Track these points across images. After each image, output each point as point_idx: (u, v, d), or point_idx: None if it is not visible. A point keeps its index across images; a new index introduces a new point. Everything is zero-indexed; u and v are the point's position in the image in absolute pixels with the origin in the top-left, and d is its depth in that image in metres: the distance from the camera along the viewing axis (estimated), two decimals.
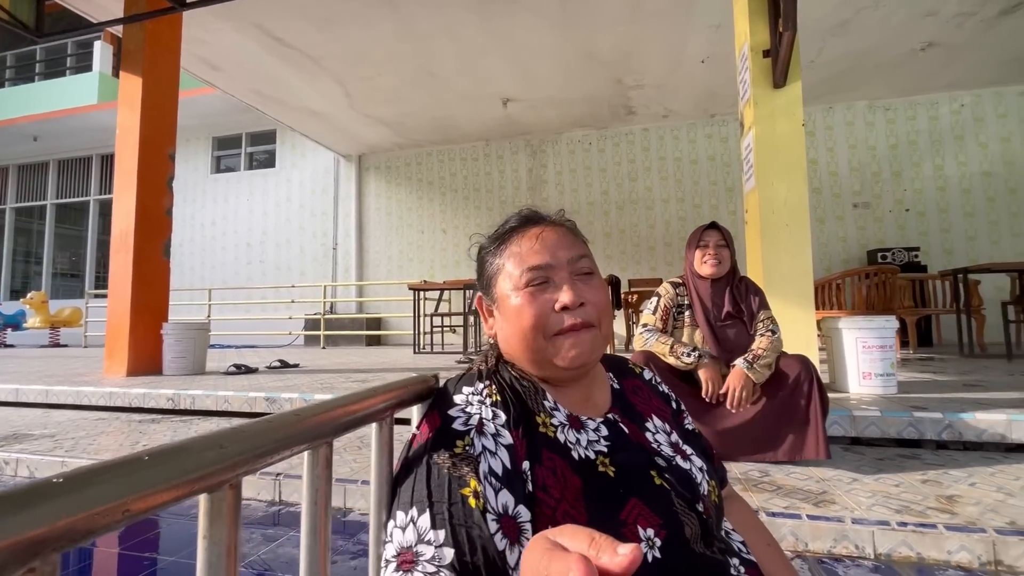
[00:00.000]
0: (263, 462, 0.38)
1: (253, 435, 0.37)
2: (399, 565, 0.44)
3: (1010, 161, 6.07)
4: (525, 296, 0.58)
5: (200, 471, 0.32)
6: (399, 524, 0.47)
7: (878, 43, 5.15)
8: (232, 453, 0.35)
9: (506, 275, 0.61)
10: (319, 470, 0.46)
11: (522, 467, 0.50)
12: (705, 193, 6.96)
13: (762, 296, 1.96)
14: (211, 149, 9.14)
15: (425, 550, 0.44)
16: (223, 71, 5.61)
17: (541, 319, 0.58)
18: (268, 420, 0.40)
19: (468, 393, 0.56)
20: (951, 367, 3.62)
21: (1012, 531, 1.25)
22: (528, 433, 0.54)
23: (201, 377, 3.69)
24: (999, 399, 2.24)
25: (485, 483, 0.48)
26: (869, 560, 1.28)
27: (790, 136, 2.57)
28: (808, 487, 1.57)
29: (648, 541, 0.49)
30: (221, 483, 0.35)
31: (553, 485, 0.50)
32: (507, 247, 0.64)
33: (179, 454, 0.32)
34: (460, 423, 0.52)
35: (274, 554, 1.41)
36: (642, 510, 0.51)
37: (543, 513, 0.48)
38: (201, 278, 8.86)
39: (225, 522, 0.35)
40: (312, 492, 0.46)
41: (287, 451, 0.41)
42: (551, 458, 0.52)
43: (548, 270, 0.60)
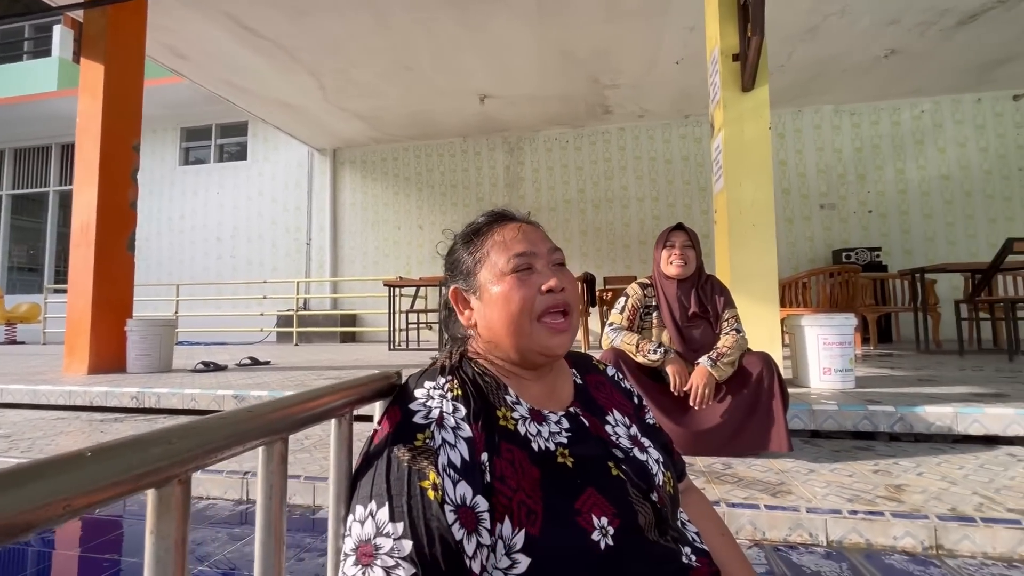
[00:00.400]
0: (213, 457, 0.39)
1: (204, 430, 0.38)
2: (358, 558, 0.45)
3: (965, 166, 6.35)
4: (513, 281, 0.62)
5: (146, 466, 0.33)
6: (358, 518, 0.48)
7: (844, 49, 5.32)
8: (181, 448, 0.35)
9: (490, 263, 0.64)
10: (273, 465, 0.47)
11: (480, 459, 0.52)
12: (679, 192, 7.09)
13: (728, 296, 2.01)
14: (179, 140, 8.87)
15: (384, 543, 0.45)
16: (191, 60, 5.45)
17: (529, 301, 0.61)
18: (220, 416, 0.40)
19: (429, 388, 0.57)
20: (907, 362, 3.78)
21: (952, 517, 1.32)
22: (488, 426, 0.55)
23: (167, 375, 3.60)
24: (948, 393, 2.36)
25: (444, 475, 0.49)
26: (822, 547, 1.34)
27: (757, 139, 2.64)
28: (767, 478, 1.63)
29: (602, 529, 0.51)
30: (169, 478, 0.35)
31: (510, 476, 0.52)
32: (487, 239, 0.66)
33: (124, 450, 0.32)
34: (420, 416, 0.53)
35: (240, 553, 1.39)
36: (597, 500, 0.53)
37: (500, 502, 0.50)
38: (168, 273, 8.60)
39: (173, 517, 0.36)
40: (267, 487, 0.47)
41: (239, 447, 0.41)
42: (510, 450, 0.54)
43: (531, 257, 0.64)
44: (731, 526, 1.39)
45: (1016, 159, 6.24)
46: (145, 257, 8.50)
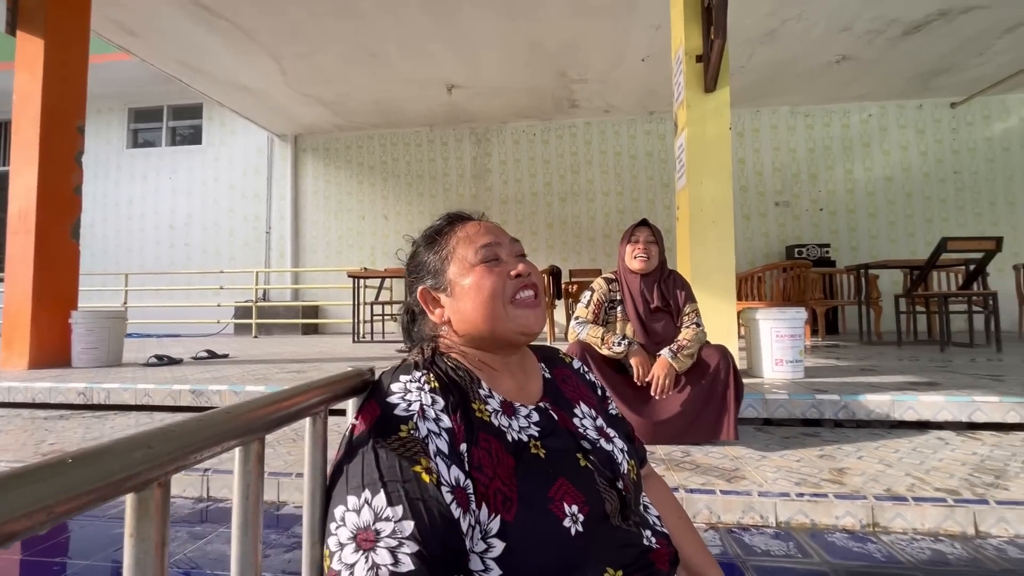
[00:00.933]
0: (192, 459, 0.39)
1: (183, 434, 0.38)
2: (359, 545, 0.46)
3: (907, 168, 6.75)
4: (482, 270, 0.65)
5: (128, 471, 0.33)
6: (352, 508, 0.48)
7: (800, 53, 5.54)
8: (161, 452, 0.36)
9: (458, 258, 0.67)
10: (251, 466, 0.47)
11: (460, 449, 0.54)
12: (643, 188, 7.24)
13: (689, 290, 2.09)
14: (127, 121, 8.39)
15: (384, 527, 0.46)
16: (141, 37, 5.16)
17: (500, 287, 0.64)
18: (198, 418, 0.41)
19: (406, 381, 0.58)
20: (852, 353, 4.02)
21: (887, 497, 1.43)
22: (465, 417, 0.57)
23: (117, 369, 3.44)
24: (887, 382, 2.53)
25: (436, 460, 0.51)
26: (771, 528, 1.43)
27: (718, 139, 2.74)
28: (723, 465, 1.72)
29: (572, 516, 0.54)
30: (148, 482, 0.35)
31: (487, 464, 0.54)
32: (451, 237, 0.69)
33: (105, 455, 0.32)
34: (401, 409, 0.55)
35: (202, 551, 1.37)
36: (568, 489, 0.56)
37: (477, 490, 0.52)
38: (116, 262, 8.16)
39: (153, 520, 0.36)
40: (243, 487, 0.47)
41: (217, 447, 0.41)
42: (487, 439, 0.56)
43: (497, 247, 0.67)
44: (689, 510, 1.46)
45: (952, 163, 6.68)
46: (89, 245, 8.01)
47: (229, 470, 1.75)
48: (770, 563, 1.26)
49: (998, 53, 5.50)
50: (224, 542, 1.41)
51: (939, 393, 2.19)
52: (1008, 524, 1.36)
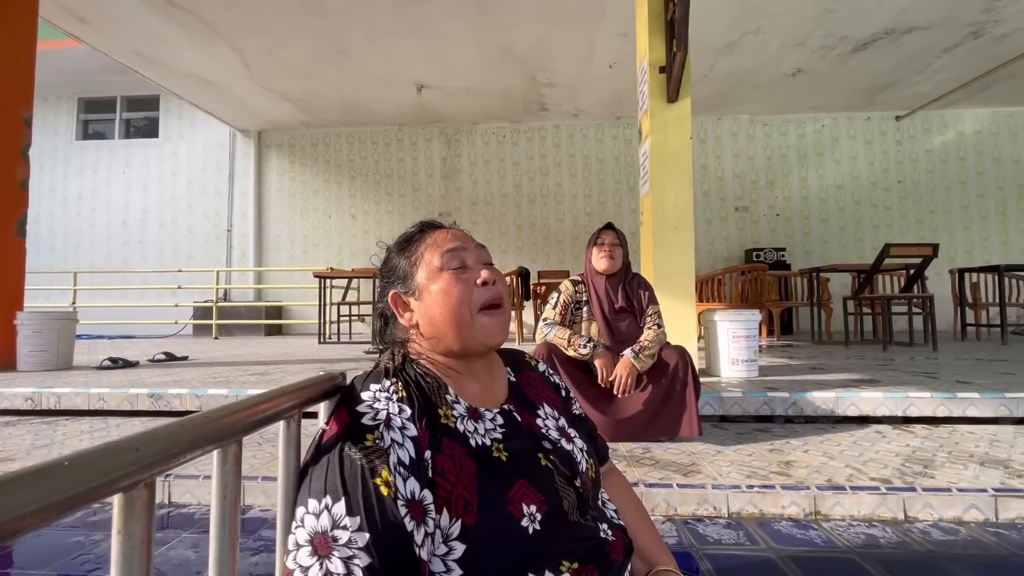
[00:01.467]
0: (176, 461, 0.41)
1: (167, 437, 0.41)
2: (314, 549, 0.49)
3: (856, 177, 7.14)
4: (449, 276, 0.68)
5: (118, 472, 0.36)
6: (312, 511, 0.51)
7: (758, 65, 5.79)
8: (148, 455, 0.38)
9: (426, 263, 0.70)
10: (229, 467, 0.50)
11: (424, 455, 0.57)
12: (610, 191, 7.39)
13: (651, 292, 2.18)
14: (76, 111, 8.00)
15: (341, 535, 0.49)
16: (93, 25, 4.93)
17: (467, 294, 0.67)
18: (180, 422, 0.43)
19: (375, 390, 0.61)
20: (803, 352, 4.24)
21: (828, 487, 1.55)
22: (431, 424, 0.60)
23: (68, 372, 3.30)
24: (833, 380, 2.70)
25: (395, 473, 0.53)
26: (724, 518, 1.52)
27: (680, 148, 2.85)
28: (681, 460, 1.81)
29: (530, 516, 0.58)
30: (136, 483, 0.38)
31: (450, 471, 0.57)
32: (421, 243, 0.72)
33: (98, 458, 0.34)
34: (369, 418, 0.57)
35: (164, 557, 1.35)
36: (527, 490, 0.60)
37: (439, 496, 0.55)
38: (64, 260, 7.76)
39: (140, 518, 0.38)
40: (222, 488, 0.49)
41: (199, 450, 0.44)
42: (450, 446, 0.59)
43: (464, 252, 0.70)
44: (648, 503, 1.53)
45: (896, 173, 7.10)
46: (35, 242, 7.59)
47: (191, 475, 1.72)
48: (721, 551, 1.34)
49: (937, 71, 5.89)
50: (187, 547, 1.39)
51: (878, 390, 2.36)
52: (933, 509, 1.49)
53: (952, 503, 1.49)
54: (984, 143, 7.05)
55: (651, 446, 1.98)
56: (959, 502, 1.49)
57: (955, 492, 1.51)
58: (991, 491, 1.51)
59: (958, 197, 7.03)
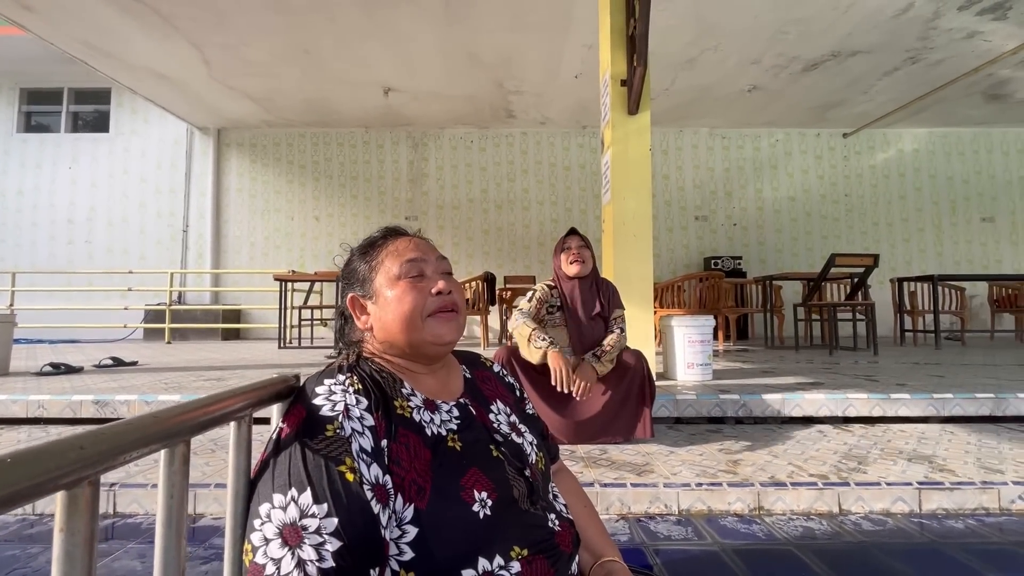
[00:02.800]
0: (121, 460, 0.42)
1: (112, 435, 0.41)
2: (284, 540, 0.50)
3: (807, 190, 7.51)
4: (406, 284, 0.70)
5: (61, 470, 0.36)
6: (278, 505, 0.52)
7: (717, 80, 6.03)
8: (92, 453, 0.39)
9: (385, 270, 0.72)
10: (176, 467, 0.50)
11: (381, 444, 0.59)
12: (576, 198, 7.52)
13: (617, 297, 2.24)
14: (17, 102, 7.56)
15: (310, 523, 0.50)
16: (38, 13, 4.69)
17: (420, 302, 0.70)
18: (127, 421, 0.44)
19: (330, 384, 0.63)
20: (756, 357, 4.42)
21: (770, 483, 1.63)
22: (387, 415, 0.62)
23: (4, 379, 3.11)
24: (781, 383, 2.84)
25: (358, 460, 0.55)
26: (674, 515, 1.58)
27: (639, 159, 2.95)
28: (635, 460, 1.87)
29: (481, 502, 0.61)
30: (80, 480, 0.39)
31: (405, 459, 0.60)
32: (382, 249, 0.74)
33: (41, 455, 0.35)
34: (327, 410, 0.59)
35: (108, 569, 1.30)
36: (479, 477, 0.63)
37: (394, 482, 0.58)
38: (2, 259, 7.29)
39: (83, 516, 0.39)
40: (168, 488, 0.50)
41: (145, 449, 0.45)
42: (406, 435, 0.62)
43: (422, 263, 0.73)
44: (602, 503, 1.58)
45: (843, 187, 7.51)
46: None
47: (139, 483, 1.67)
48: (670, 547, 1.40)
49: (879, 92, 6.28)
50: (133, 558, 1.35)
51: (821, 392, 2.50)
52: (864, 502, 1.60)
53: (881, 496, 1.60)
54: (921, 161, 7.54)
55: (608, 448, 2.04)
56: (887, 495, 1.60)
57: (884, 486, 1.62)
58: (915, 484, 1.63)
59: (898, 211, 7.49)
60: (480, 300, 5.25)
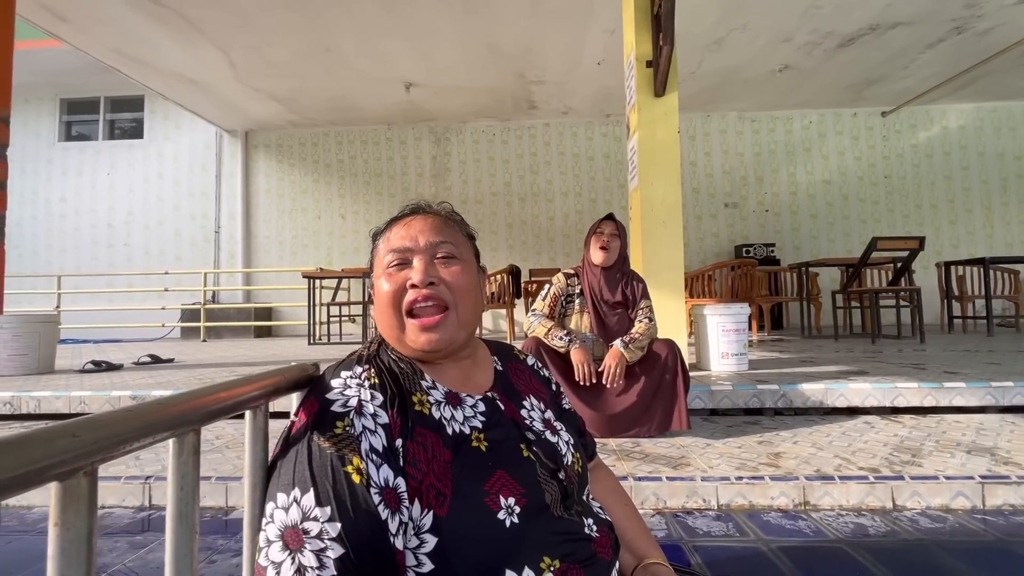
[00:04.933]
0: (121, 449, 0.39)
1: (110, 423, 0.38)
2: (285, 544, 0.46)
3: (843, 172, 7.19)
4: (385, 275, 0.64)
5: (51, 459, 0.33)
6: (281, 505, 0.49)
7: (746, 61, 5.81)
8: (86, 441, 0.36)
9: (379, 259, 0.67)
10: (186, 457, 0.47)
11: (396, 443, 0.54)
12: (600, 188, 7.39)
13: (644, 286, 2.16)
14: (58, 112, 7.86)
15: (312, 526, 0.47)
16: (73, 23, 4.85)
17: (396, 295, 0.63)
18: (127, 408, 0.41)
19: (346, 377, 0.58)
20: (793, 346, 4.25)
21: (817, 477, 1.54)
22: (403, 412, 0.57)
23: (49, 376, 3.23)
24: (822, 372, 2.71)
25: (367, 460, 0.51)
26: (713, 510, 1.51)
27: (667, 142, 2.84)
28: (670, 453, 1.80)
29: (508, 508, 0.55)
30: (74, 470, 0.35)
31: (422, 460, 0.54)
32: (385, 235, 0.69)
33: (29, 442, 0.32)
34: (339, 405, 0.55)
35: (143, 560, 1.32)
36: (507, 481, 0.57)
37: (410, 486, 0.52)
38: (47, 263, 7.63)
39: (80, 508, 0.36)
40: (178, 479, 0.47)
41: (148, 438, 0.41)
42: (423, 434, 0.56)
43: (407, 252, 0.65)
44: (637, 497, 1.52)
45: (882, 168, 7.16)
46: (16, 245, 7.49)
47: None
48: (711, 543, 1.33)
49: (921, 67, 5.94)
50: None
51: (867, 381, 2.36)
52: (921, 497, 1.49)
53: (940, 491, 1.49)
54: (968, 138, 7.12)
55: (641, 440, 1.97)
56: (946, 490, 1.49)
57: (942, 480, 1.51)
58: (978, 478, 1.51)
59: (943, 191, 7.10)
60: (506, 293, 5.21)
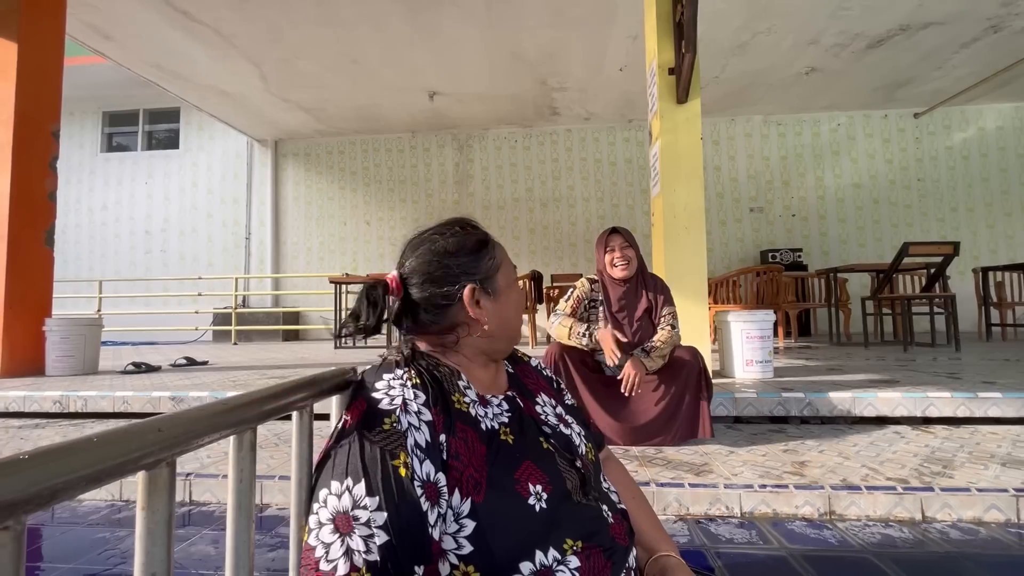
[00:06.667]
0: (195, 443, 0.44)
1: (187, 421, 0.43)
2: (336, 527, 0.51)
3: (874, 175, 7.02)
4: (519, 289, 0.78)
5: (142, 451, 0.38)
6: (334, 492, 0.53)
7: (771, 64, 5.74)
8: (169, 436, 0.41)
9: (504, 271, 0.75)
10: (245, 452, 0.52)
11: (440, 439, 0.59)
12: (622, 194, 7.38)
13: (668, 294, 2.15)
14: (101, 125, 8.25)
15: (361, 514, 0.52)
16: (117, 41, 5.11)
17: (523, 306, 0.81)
18: (199, 408, 0.46)
19: (389, 379, 0.64)
20: (821, 354, 4.17)
21: (843, 487, 1.53)
22: (445, 410, 0.62)
23: (93, 377, 3.40)
24: (850, 381, 2.66)
25: (412, 455, 0.56)
26: (736, 518, 1.51)
27: (690, 148, 2.84)
28: (693, 460, 1.80)
29: (536, 495, 0.60)
30: (159, 461, 0.41)
31: (464, 453, 0.60)
32: (496, 249, 0.76)
33: (124, 436, 0.37)
34: (385, 404, 0.60)
35: (186, 553, 1.39)
36: (533, 470, 0.62)
37: (452, 477, 0.58)
38: (90, 269, 8.00)
39: (163, 495, 0.41)
40: (238, 471, 0.52)
41: (216, 434, 0.47)
42: (464, 430, 0.62)
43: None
44: (659, 503, 1.53)
45: (915, 171, 6.96)
46: (62, 252, 7.84)
47: (212, 474, 1.77)
48: (733, 550, 1.33)
49: (955, 67, 5.78)
50: (208, 543, 1.43)
51: (897, 390, 2.32)
52: (951, 509, 1.46)
53: (972, 503, 1.46)
54: (1007, 138, 6.88)
55: (664, 447, 1.98)
56: (979, 502, 1.46)
57: (974, 492, 1.48)
58: (1012, 491, 1.48)
59: (981, 194, 6.86)
60: (528, 299, 5.24)
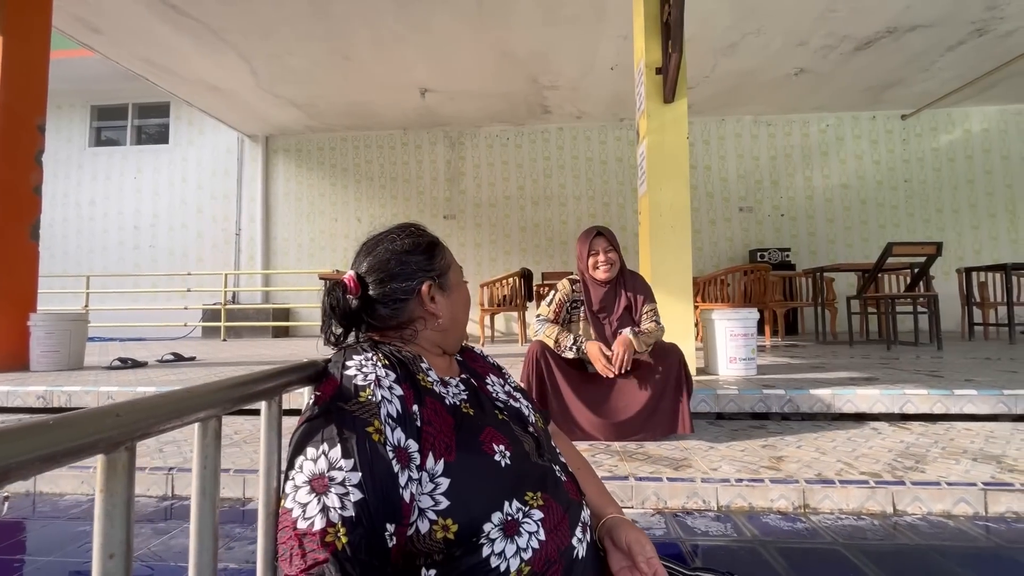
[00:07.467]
0: (156, 429, 0.45)
1: (148, 407, 0.44)
2: (312, 488, 0.55)
3: (861, 176, 7.09)
4: (465, 285, 0.86)
5: (99, 435, 0.39)
6: (310, 457, 0.57)
7: (760, 65, 5.79)
8: (128, 421, 0.42)
9: (454, 270, 0.84)
10: (209, 439, 0.54)
11: (412, 409, 0.64)
12: (613, 192, 7.41)
13: (648, 292, 2.17)
14: (89, 119, 8.16)
15: (336, 475, 0.55)
16: (105, 35, 5.05)
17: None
18: (162, 394, 0.47)
19: (359, 359, 0.68)
20: (807, 352, 4.22)
21: (817, 480, 1.56)
22: (414, 386, 0.68)
23: (79, 372, 3.37)
24: (832, 378, 2.70)
25: (385, 424, 0.61)
26: (712, 511, 1.54)
27: (676, 148, 2.87)
28: (673, 455, 1.83)
29: (501, 453, 0.68)
30: (117, 445, 0.42)
31: (434, 421, 0.66)
32: (445, 251, 0.85)
33: (81, 420, 0.38)
34: (360, 380, 0.64)
35: (166, 546, 1.40)
36: (495, 434, 0.70)
37: (427, 441, 0.63)
38: (77, 264, 7.91)
39: (121, 478, 0.42)
40: (202, 458, 0.53)
41: (178, 420, 0.48)
42: (432, 403, 0.68)
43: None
44: (637, 497, 1.56)
45: (902, 172, 7.05)
46: (48, 246, 7.75)
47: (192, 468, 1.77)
48: (708, 542, 1.36)
49: (942, 69, 5.85)
50: (188, 536, 1.44)
51: (875, 387, 2.36)
52: (922, 503, 1.50)
53: (941, 497, 1.50)
54: (992, 141, 6.98)
55: (645, 442, 2.00)
56: (948, 496, 1.50)
57: (944, 486, 1.52)
58: (980, 485, 1.51)
59: (966, 195, 6.96)
60: (517, 296, 5.26)
